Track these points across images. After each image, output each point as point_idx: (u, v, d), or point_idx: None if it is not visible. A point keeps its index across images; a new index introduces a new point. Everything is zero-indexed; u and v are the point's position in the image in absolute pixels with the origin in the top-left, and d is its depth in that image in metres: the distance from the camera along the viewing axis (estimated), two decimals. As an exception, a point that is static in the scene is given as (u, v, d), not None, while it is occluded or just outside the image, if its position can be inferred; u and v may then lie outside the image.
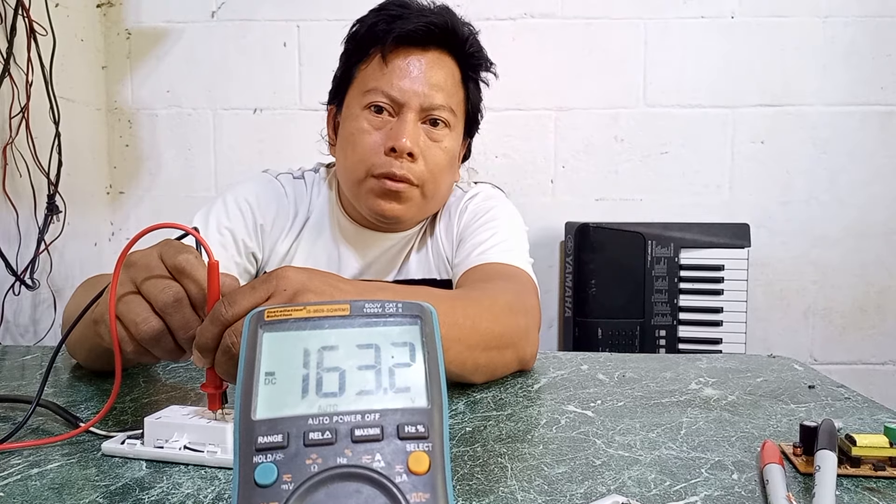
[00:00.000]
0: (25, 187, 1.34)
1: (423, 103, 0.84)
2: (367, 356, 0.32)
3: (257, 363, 0.31)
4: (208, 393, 0.48)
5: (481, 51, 0.92)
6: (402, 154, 0.83)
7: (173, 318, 0.48)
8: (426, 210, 0.92)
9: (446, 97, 0.86)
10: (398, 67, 0.85)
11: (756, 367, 0.75)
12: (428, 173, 0.86)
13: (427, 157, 0.85)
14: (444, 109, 0.86)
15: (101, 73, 1.71)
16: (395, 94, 0.84)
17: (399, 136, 0.82)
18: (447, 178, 0.91)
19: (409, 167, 0.84)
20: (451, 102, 0.87)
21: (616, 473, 0.45)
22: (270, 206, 0.93)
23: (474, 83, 0.93)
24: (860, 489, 0.42)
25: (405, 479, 0.28)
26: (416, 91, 0.84)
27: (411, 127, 0.84)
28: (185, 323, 0.49)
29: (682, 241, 1.54)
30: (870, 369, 1.71)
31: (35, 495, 0.42)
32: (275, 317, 0.33)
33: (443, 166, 0.88)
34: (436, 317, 0.33)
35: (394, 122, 0.85)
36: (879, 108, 1.66)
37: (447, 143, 0.88)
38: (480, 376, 0.66)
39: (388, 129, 0.84)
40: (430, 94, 0.84)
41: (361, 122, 0.86)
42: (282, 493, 0.27)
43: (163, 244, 0.52)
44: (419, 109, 0.85)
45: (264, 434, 0.29)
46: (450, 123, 0.88)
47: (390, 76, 0.84)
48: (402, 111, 0.84)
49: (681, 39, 1.67)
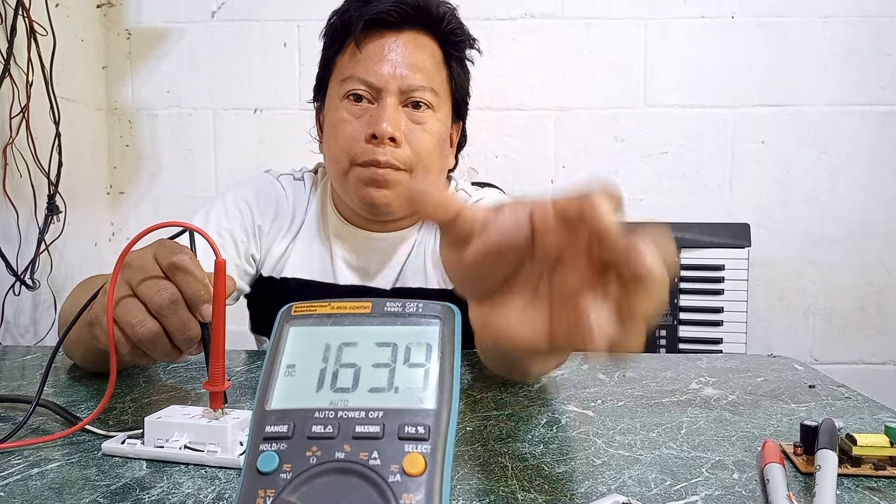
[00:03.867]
0: (25, 187, 1.34)
1: (401, 86, 0.82)
2: (383, 354, 0.32)
3: (280, 355, 0.33)
4: (210, 391, 0.49)
5: (461, 27, 0.88)
6: (383, 140, 0.80)
7: (169, 319, 0.48)
8: None
9: (426, 78, 0.83)
10: (372, 52, 0.82)
11: (756, 367, 0.74)
12: (415, 157, 0.83)
13: (412, 141, 0.83)
14: (425, 90, 0.83)
15: (102, 73, 1.71)
16: (372, 79, 0.82)
17: (379, 122, 0.80)
18: (438, 162, 0.88)
19: (392, 152, 0.81)
20: (433, 83, 0.84)
21: (616, 473, 0.45)
22: (270, 207, 0.92)
23: (458, 62, 0.89)
24: (861, 489, 0.42)
25: (398, 479, 0.28)
26: (392, 74, 0.81)
27: (391, 111, 0.81)
28: (182, 324, 0.49)
29: (683, 241, 1.54)
30: (870, 369, 1.71)
31: (35, 495, 0.42)
32: (301, 312, 0.34)
33: (430, 149, 0.85)
34: (458, 317, 0.33)
35: (374, 108, 0.82)
36: (879, 108, 1.66)
37: (432, 125, 0.85)
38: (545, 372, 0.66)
39: (369, 116, 0.82)
40: (408, 76, 0.82)
41: (341, 112, 0.84)
42: (280, 481, 0.28)
43: (157, 245, 0.52)
44: (398, 92, 0.82)
45: (272, 424, 0.30)
46: (433, 105, 0.85)
47: (365, 62, 0.82)
48: (381, 96, 0.82)
49: (681, 39, 1.67)
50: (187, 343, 0.49)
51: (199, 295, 0.49)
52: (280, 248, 0.92)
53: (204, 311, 0.50)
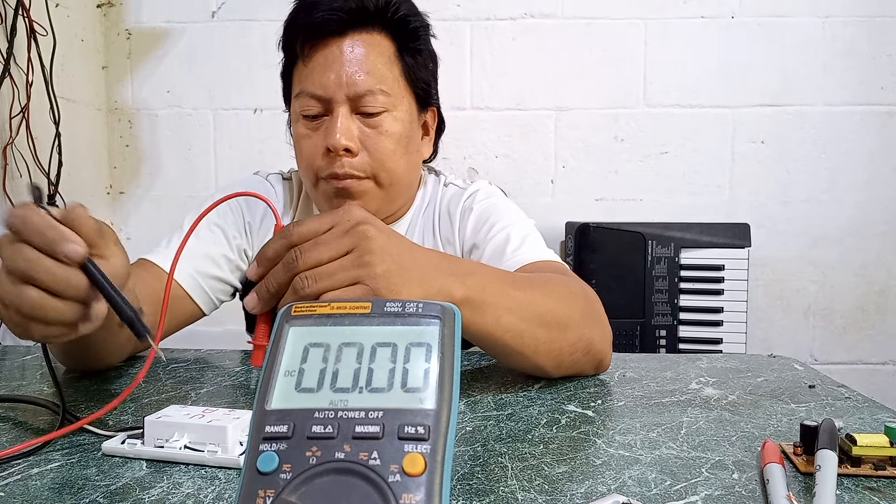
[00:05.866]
0: (25, 187, 1.34)
1: (348, 93, 0.80)
2: (383, 354, 0.32)
3: (280, 356, 0.33)
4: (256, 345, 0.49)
5: (414, 14, 0.85)
6: (338, 153, 0.80)
7: (39, 277, 0.45)
8: (393, 197, 0.88)
9: (375, 80, 0.81)
10: (317, 64, 0.81)
11: (756, 367, 0.74)
12: (375, 163, 0.82)
13: (369, 147, 0.81)
14: (375, 94, 0.81)
15: (102, 73, 1.71)
16: (319, 92, 0.80)
17: (331, 135, 0.79)
18: (402, 162, 0.86)
19: (349, 163, 0.80)
20: (383, 84, 0.82)
21: (616, 473, 0.45)
22: (259, 205, 0.93)
23: (412, 52, 0.86)
24: (861, 489, 0.42)
25: (398, 479, 0.28)
26: (339, 83, 0.80)
27: (342, 122, 0.80)
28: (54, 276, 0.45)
29: (683, 241, 1.54)
30: (870, 369, 1.71)
31: (35, 495, 0.42)
32: (301, 312, 0.34)
33: (390, 151, 0.83)
34: (458, 318, 0.33)
35: (328, 119, 0.82)
36: (879, 108, 1.66)
37: (389, 126, 0.83)
38: (546, 359, 0.64)
39: (324, 128, 0.81)
40: (354, 83, 0.80)
41: (300, 127, 0.84)
42: (279, 481, 0.28)
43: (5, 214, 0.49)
44: (347, 100, 0.80)
45: (272, 424, 0.30)
46: (387, 107, 0.83)
47: (311, 74, 0.81)
48: (332, 107, 0.81)
49: (681, 39, 1.67)
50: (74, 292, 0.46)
51: (47, 239, 0.45)
52: None
53: (68, 252, 0.45)
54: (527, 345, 0.62)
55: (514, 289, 0.61)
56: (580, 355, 0.67)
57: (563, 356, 0.65)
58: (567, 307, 0.65)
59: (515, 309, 0.60)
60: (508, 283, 0.62)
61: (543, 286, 0.66)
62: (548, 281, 0.69)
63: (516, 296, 0.61)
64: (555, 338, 0.64)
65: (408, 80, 0.86)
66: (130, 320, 0.47)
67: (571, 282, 0.71)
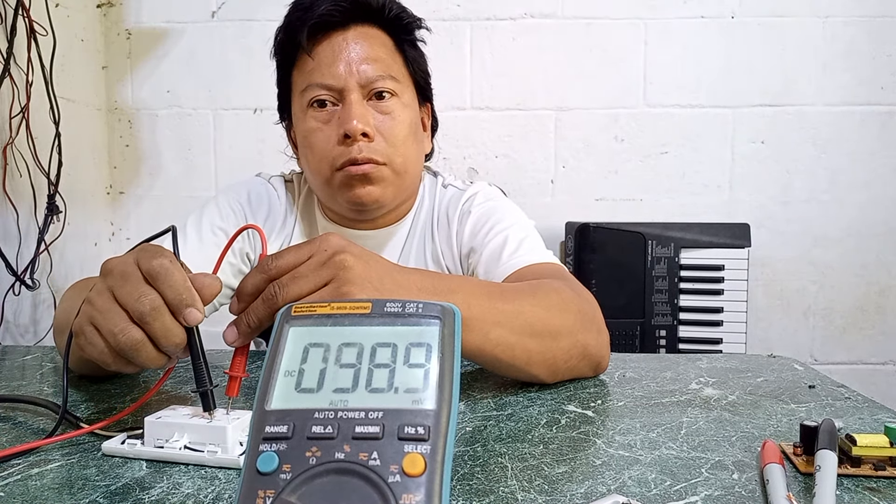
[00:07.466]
0: (25, 187, 1.34)
1: (360, 80, 0.82)
2: (383, 355, 0.32)
3: (279, 356, 0.33)
4: (231, 376, 0.49)
5: (405, 10, 0.88)
6: (356, 137, 0.80)
7: (152, 326, 0.47)
8: (403, 187, 0.88)
9: (383, 67, 0.83)
10: (325, 56, 0.82)
11: (756, 367, 0.74)
12: (390, 148, 0.83)
13: (384, 133, 0.83)
14: (385, 79, 0.83)
15: (102, 73, 1.71)
16: (331, 82, 0.81)
17: (348, 120, 0.80)
18: (413, 149, 0.87)
19: (368, 147, 0.81)
20: (391, 70, 0.84)
21: (616, 473, 0.45)
22: (262, 207, 0.93)
23: (410, 45, 0.89)
24: (860, 489, 0.42)
25: (398, 479, 0.28)
26: (350, 71, 0.81)
27: (358, 107, 0.81)
28: (165, 331, 0.47)
29: (682, 241, 1.54)
30: (870, 369, 1.71)
31: (35, 495, 0.42)
32: (301, 312, 0.34)
33: (403, 137, 0.84)
34: (458, 318, 0.33)
35: (339, 109, 0.82)
36: (879, 108, 1.66)
37: (400, 113, 0.84)
38: (540, 369, 0.64)
39: (337, 118, 0.82)
40: (366, 69, 0.82)
41: (309, 122, 0.84)
42: (279, 481, 0.28)
43: (139, 250, 0.51)
44: (359, 87, 0.82)
45: (272, 424, 0.30)
46: (396, 91, 0.85)
47: (320, 67, 0.82)
48: (344, 95, 0.82)
49: (681, 39, 1.67)
50: (173, 349, 0.48)
51: (181, 299, 0.48)
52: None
53: (188, 317, 0.48)
54: (518, 357, 0.61)
55: (502, 301, 0.61)
56: (576, 361, 0.67)
57: (558, 364, 0.65)
58: (558, 314, 0.65)
59: (504, 322, 0.59)
60: (496, 296, 0.61)
61: (533, 295, 0.65)
62: (538, 289, 0.67)
63: (504, 308, 0.60)
64: (547, 347, 0.63)
65: (409, 70, 0.88)
66: (205, 393, 0.49)
67: (563, 287, 0.70)
